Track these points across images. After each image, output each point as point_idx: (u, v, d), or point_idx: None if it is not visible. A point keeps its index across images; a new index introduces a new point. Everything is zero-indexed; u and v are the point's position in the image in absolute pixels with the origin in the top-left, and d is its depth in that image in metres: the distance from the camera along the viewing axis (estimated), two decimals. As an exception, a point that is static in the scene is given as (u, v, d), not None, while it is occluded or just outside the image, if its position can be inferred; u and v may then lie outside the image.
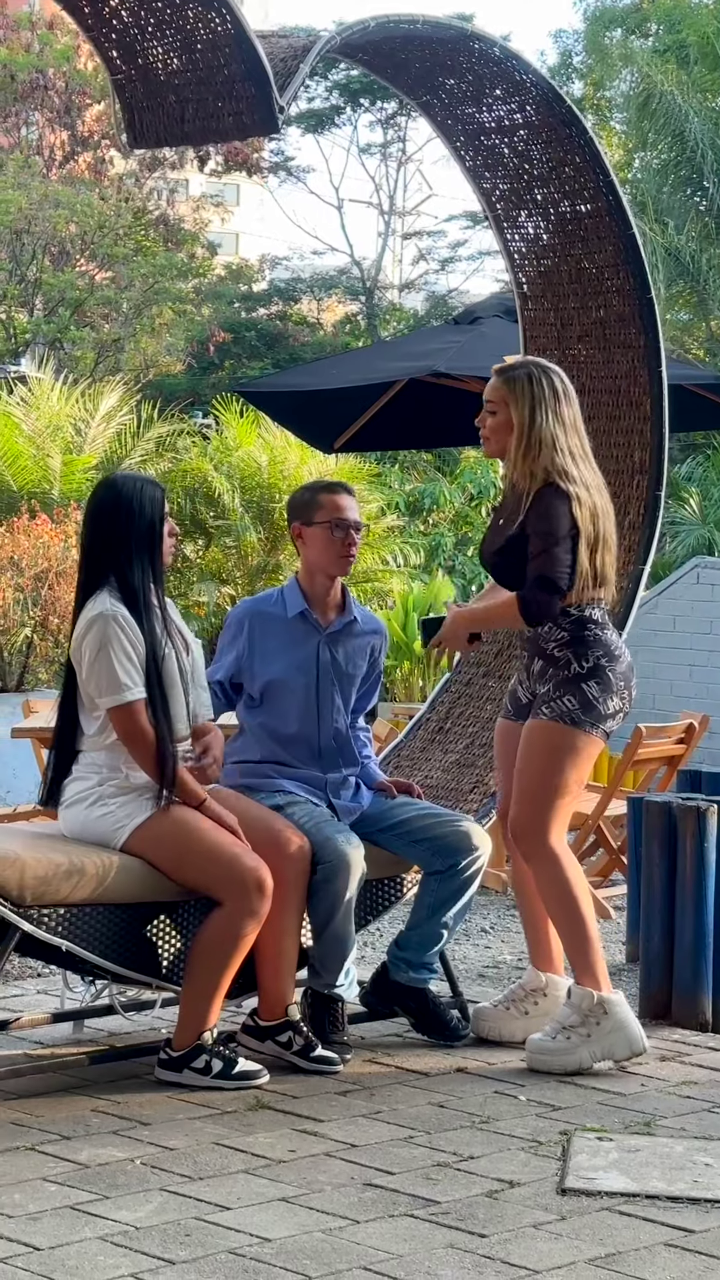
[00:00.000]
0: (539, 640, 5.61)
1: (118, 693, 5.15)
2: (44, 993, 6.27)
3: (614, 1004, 5.51)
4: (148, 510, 5.26)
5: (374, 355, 14.19)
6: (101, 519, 5.29)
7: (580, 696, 5.52)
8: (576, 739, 5.54)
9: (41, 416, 16.06)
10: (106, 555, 5.26)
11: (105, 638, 5.15)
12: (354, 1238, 4.09)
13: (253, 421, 17.26)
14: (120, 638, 5.15)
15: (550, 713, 5.55)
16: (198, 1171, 4.50)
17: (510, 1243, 4.08)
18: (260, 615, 5.76)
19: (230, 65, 5.81)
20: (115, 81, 6.11)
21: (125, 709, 5.16)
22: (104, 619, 5.16)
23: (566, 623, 5.55)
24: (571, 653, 5.55)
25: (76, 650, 5.23)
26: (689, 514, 19.83)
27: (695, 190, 25.75)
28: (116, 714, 5.17)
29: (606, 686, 5.55)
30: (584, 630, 5.55)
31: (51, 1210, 4.20)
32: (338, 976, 5.58)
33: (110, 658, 5.14)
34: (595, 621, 5.57)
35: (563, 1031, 5.49)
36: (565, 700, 5.53)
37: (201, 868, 5.17)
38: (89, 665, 5.18)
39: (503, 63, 6.63)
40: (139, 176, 28.11)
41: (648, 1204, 4.37)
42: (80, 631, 5.22)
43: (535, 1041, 5.52)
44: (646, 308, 6.86)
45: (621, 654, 5.62)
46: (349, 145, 38.52)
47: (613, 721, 5.60)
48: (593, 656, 5.54)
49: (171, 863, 5.19)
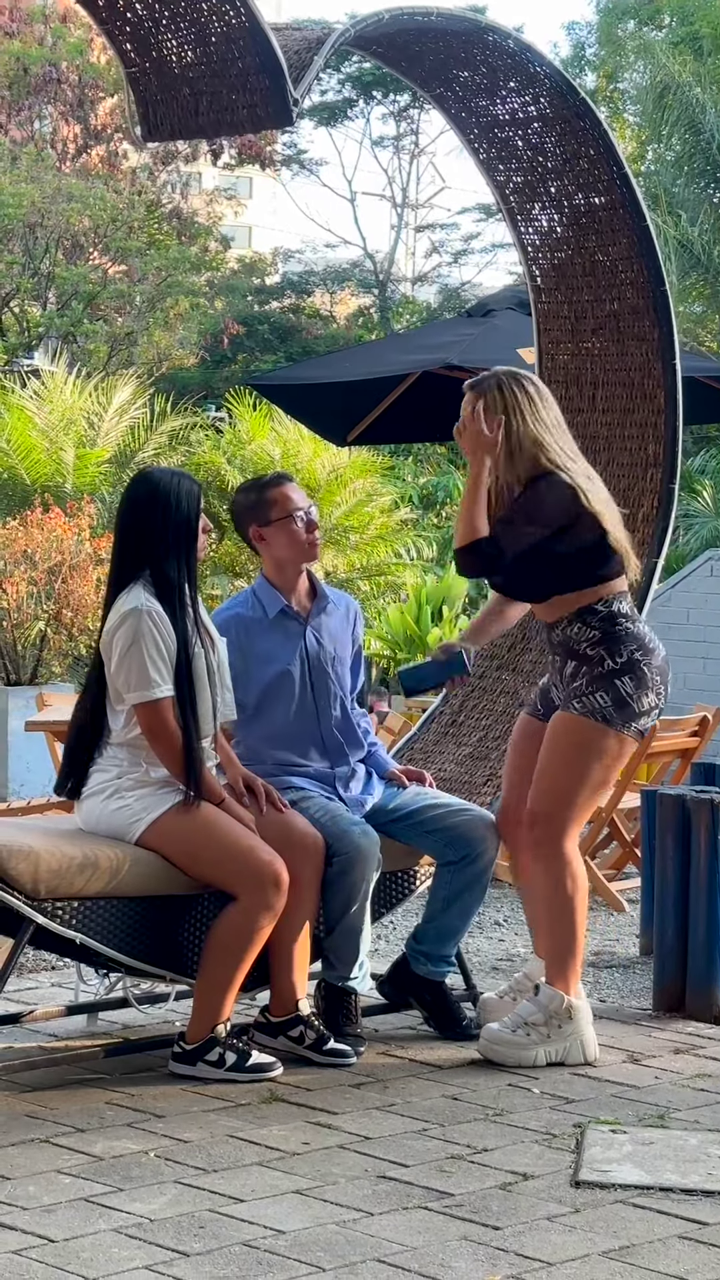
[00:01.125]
0: (569, 643, 5.54)
1: (146, 689, 5.15)
2: (58, 985, 6.28)
3: (580, 1010, 5.51)
4: (184, 506, 5.26)
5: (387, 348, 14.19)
6: (138, 513, 5.29)
7: (614, 693, 5.47)
8: (607, 738, 5.49)
9: (55, 410, 16.08)
10: (142, 549, 5.25)
11: (138, 633, 5.15)
12: (368, 1230, 4.09)
13: (266, 415, 17.26)
14: (153, 634, 5.15)
15: (581, 707, 5.49)
16: (212, 1164, 4.51)
17: (524, 1235, 4.09)
18: (241, 620, 5.69)
19: (244, 58, 5.81)
20: (130, 75, 6.11)
21: (152, 706, 5.16)
22: (138, 614, 5.16)
23: (595, 620, 5.49)
24: (605, 649, 5.49)
25: (107, 644, 5.23)
26: (702, 506, 19.80)
27: (709, 182, 25.67)
28: (143, 710, 5.17)
29: (641, 682, 5.49)
30: (615, 625, 5.50)
31: (66, 1202, 4.21)
32: (352, 969, 5.59)
33: (141, 653, 5.14)
34: (625, 615, 5.52)
35: (524, 1026, 5.49)
36: (598, 696, 5.48)
37: (217, 862, 5.18)
38: (119, 659, 5.18)
39: (516, 55, 6.62)
40: (152, 170, 28.09)
41: (662, 1196, 4.37)
42: (113, 624, 5.21)
43: (492, 1031, 5.52)
44: (661, 300, 6.84)
45: (655, 647, 5.56)
46: (362, 138, 38.55)
47: (647, 719, 5.54)
48: (626, 651, 5.50)
49: (187, 857, 5.19)
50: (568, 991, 5.51)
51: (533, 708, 5.79)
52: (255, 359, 31.36)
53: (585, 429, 7.07)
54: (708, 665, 11.93)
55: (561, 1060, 5.47)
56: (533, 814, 5.54)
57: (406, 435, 14.90)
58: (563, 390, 7.13)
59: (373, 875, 5.52)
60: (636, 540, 6.80)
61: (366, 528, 16.67)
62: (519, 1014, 5.51)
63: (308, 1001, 5.51)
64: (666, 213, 24.03)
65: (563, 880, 5.49)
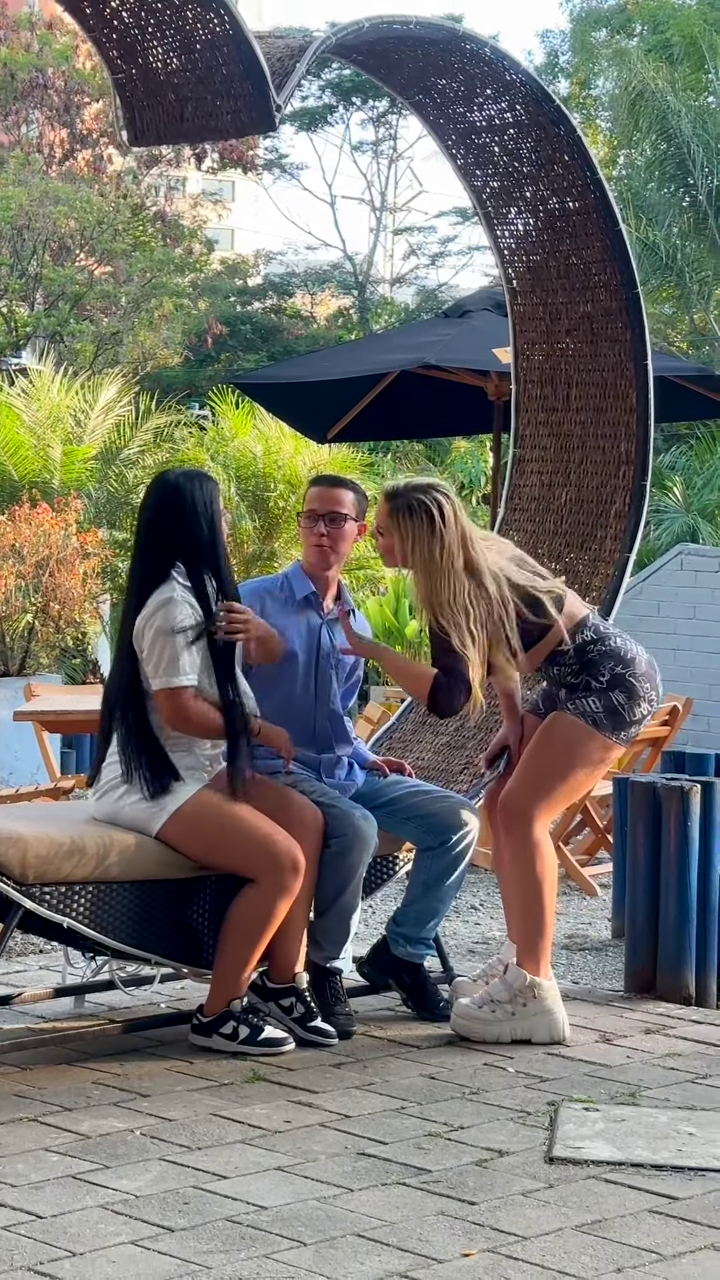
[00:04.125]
0: (554, 679, 5.60)
1: (174, 676, 5.20)
2: (46, 968, 6.27)
3: (544, 989, 5.53)
4: (206, 501, 5.35)
5: (366, 348, 14.20)
6: (162, 514, 5.34)
7: (605, 701, 5.52)
8: (593, 741, 5.53)
9: (42, 408, 16.03)
10: (169, 548, 5.32)
11: (171, 620, 5.20)
12: (348, 1205, 4.10)
13: (248, 412, 17.22)
14: (188, 622, 5.21)
15: (575, 709, 5.54)
16: (196, 1142, 4.51)
17: (499, 1210, 4.09)
18: (268, 595, 5.78)
19: (228, 65, 5.80)
20: (116, 80, 6.09)
21: (176, 693, 5.21)
22: (173, 603, 5.22)
23: (567, 660, 5.54)
24: (587, 675, 5.54)
25: (140, 631, 5.26)
26: (673, 502, 19.83)
27: (680, 186, 25.71)
28: (166, 696, 5.22)
29: (632, 693, 5.54)
30: (586, 655, 5.54)
31: (54, 1180, 4.21)
32: (340, 950, 5.60)
33: (174, 641, 5.20)
34: (592, 641, 5.54)
35: (490, 1004, 5.52)
36: (591, 701, 5.52)
37: (236, 850, 5.23)
38: (150, 643, 5.23)
39: (493, 63, 6.62)
40: (137, 173, 28.03)
41: (633, 1172, 4.38)
42: (148, 612, 5.25)
43: (462, 1006, 5.55)
44: (633, 302, 6.85)
45: (634, 655, 5.59)
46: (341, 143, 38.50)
47: (637, 727, 5.61)
48: (607, 670, 5.53)
49: (206, 847, 5.23)
50: (537, 972, 5.52)
51: (534, 707, 5.81)
52: (238, 358, 31.32)
53: (560, 427, 7.08)
54: (678, 656, 11.96)
55: (528, 1038, 5.48)
56: (508, 799, 5.56)
57: (385, 433, 14.91)
58: (538, 389, 7.14)
59: (368, 859, 5.53)
60: (610, 535, 6.83)
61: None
62: (488, 991, 5.55)
63: (305, 976, 5.52)
64: (633, 216, 24.05)
65: (533, 865, 5.51)
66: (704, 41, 26.67)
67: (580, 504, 6.96)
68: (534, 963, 5.53)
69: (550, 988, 5.56)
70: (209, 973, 5.37)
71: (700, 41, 26.69)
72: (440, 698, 5.38)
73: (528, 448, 7.15)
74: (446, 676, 5.36)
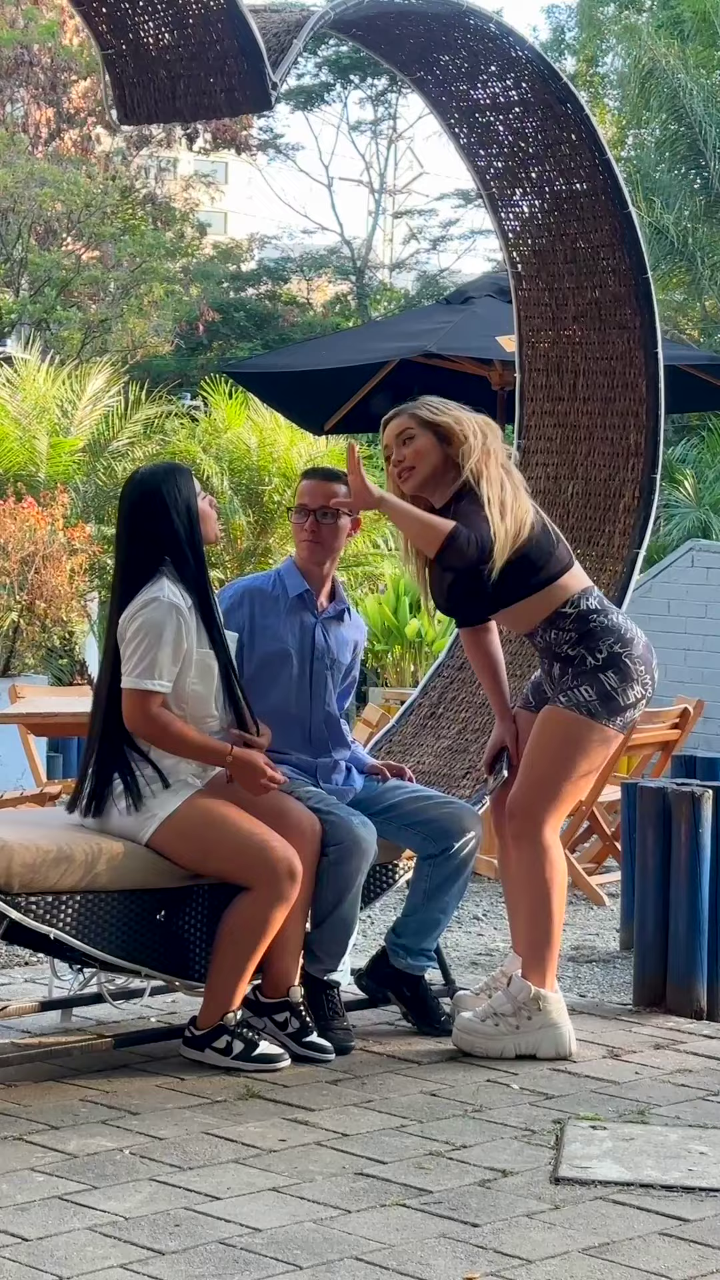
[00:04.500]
0: (550, 647, 5.59)
1: (146, 678, 5.19)
2: (32, 981, 6.28)
3: (550, 1002, 5.53)
4: (181, 493, 5.33)
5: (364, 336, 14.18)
6: (140, 512, 5.34)
7: (598, 687, 5.51)
8: (591, 732, 5.53)
9: (27, 398, 16.04)
10: (153, 545, 5.31)
11: (156, 622, 5.20)
12: (345, 1228, 4.10)
13: (242, 403, 17.24)
14: (172, 629, 5.21)
15: (567, 701, 5.54)
16: (187, 1161, 4.51)
17: (503, 1232, 4.09)
18: (259, 593, 5.78)
19: (222, 41, 5.80)
20: (106, 57, 6.09)
21: (144, 697, 5.20)
22: (162, 605, 5.21)
23: (568, 623, 5.53)
24: (584, 648, 5.53)
25: (123, 628, 5.26)
26: (684, 496, 19.84)
27: (691, 168, 25.72)
28: (132, 697, 5.21)
29: (625, 675, 5.53)
30: (588, 624, 5.54)
31: (40, 1200, 4.21)
32: (338, 962, 5.61)
33: (153, 643, 5.19)
34: (595, 610, 5.55)
35: (493, 1017, 5.53)
36: (583, 690, 5.52)
37: (231, 856, 5.22)
38: (129, 639, 5.23)
39: (497, 39, 6.62)
40: (126, 154, 28.04)
41: (642, 1193, 4.38)
42: (132, 610, 5.25)
43: (465, 1020, 5.56)
44: (642, 288, 6.85)
45: (634, 636, 5.60)
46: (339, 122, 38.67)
47: (634, 711, 5.59)
48: (605, 646, 5.53)
49: (198, 853, 5.23)
50: (542, 985, 5.53)
51: (525, 701, 5.82)
52: (231, 346, 31.33)
53: (566, 418, 7.08)
54: (689, 657, 11.97)
55: (532, 1053, 5.49)
56: (514, 805, 5.57)
57: (384, 424, 14.86)
58: (543, 378, 7.14)
59: (366, 867, 5.53)
60: (618, 530, 6.83)
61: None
62: (491, 1004, 5.55)
63: (299, 990, 5.52)
64: (642, 199, 24.06)
65: (542, 871, 5.52)
66: (716, 17, 26.70)
67: (587, 498, 6.96)
68: (539, 974, 5.53)
69: (556, 1001, 5.56)
70: (201, 985, 5.37)
71: (713, 17, 26.71)
72: (454, 545, 5.34)
73: (532, 439, 7.16)
74: (468, 529, 5.35)
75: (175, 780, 5.28)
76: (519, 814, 5.56)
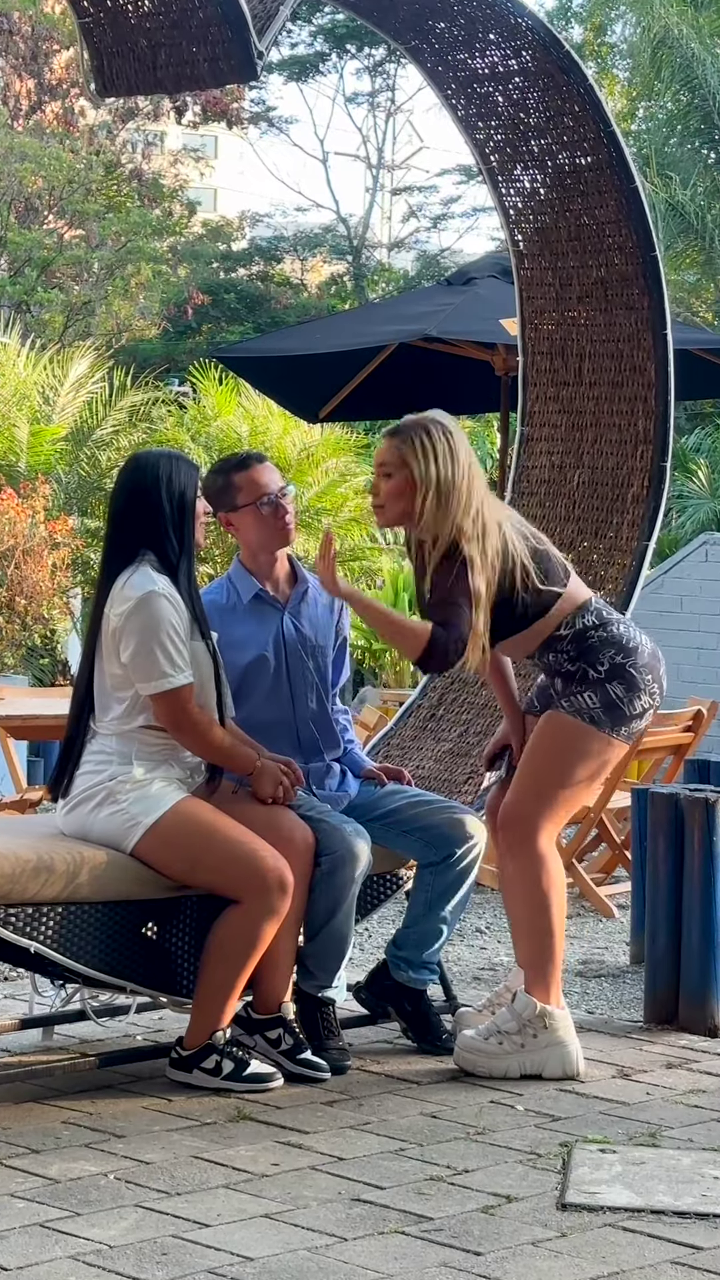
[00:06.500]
0: (552, 665, 5.61)
1: (164, 678, 5.19)
2: (11, 997, 6.28)
3: (556, 1019, 5.53)
4: (180, 484, 5.33)
5: (361, 318, 14.19)
6: (134, 495, 5.35)
7: (602, 695, 5.52)
8: (592, 740, 5.53)
9: (7, 384, 16.05)
10: (140, 530, 5.31)
11: (154, 618, 5.20)
12: (341, 1256, 4.10)
13: (232, 389, 17.25)
14: (169, 618, 5.21)
15: (569, 706, 5.54)
16: (175, 1187, 4.51)
17: (507, 1261, 4.09)
18: (216, 608, 5.67)
19: (205, 8, 5.79)
20: (83, 25, 6.09)
21: (172, 695, 5.20)
22: (151, 597, 5.21)
23: (565, 644, 5.54)
24: (584, 663, 5.54)
25: (119, 629, 5.25)
26: (697, 487, 19.86)
27: (705, 142, 25.74)
28: (163, 699, 5.20)
29: (631, 685, 5.53)
30: (586, 640, 5.54)
31: (20, 1228, 4.21)
32: (333, 978, 5.60)
33: (157, 641, 5.19)
34: (592, 626, 5.55)
35: (497, 1035, 5.52)
36: (586, 696, 5.53)
37: (219, 867, 5.21)
38: (135, 647, 5.21)
39: (497, 5, 6.62)
40: (111, 128, 28.05)
41: (653, 1220, 4.38)
42: (125, 610, 5.23)
43: (466, 1039, 5.55)
44: (650, 266, 6.85)
45: (638, 645, 5.59)
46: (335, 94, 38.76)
47: (639, 722, 5.59)
48: (606, 659, 5.53)
49: (186, 864, 5.22)
50: (548, 1001, 5.52)
51: (529, 705, 5.82)
52: (221, 330, 31.35)
53: (571, 403, 7.08)
54: (702, 656, 11.97)
55: (538, 1073, 5.49)
56: (508, 813, 5.57)
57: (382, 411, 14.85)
58: (548, 362, 7.14)
59: (360, 877, 5.52)
60: (626, 522, 6.83)
61: (340, 510, 16.68)
62: (495, 1022, 5.55)
63: (291, 1005, 5.52)
64: (655, 174, 24.07)
65: (538, 881, 5.51)
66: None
67: (594, 487, 6.96)
68: (544, 990, 5.53)
69: (562, 1017, 5.56)
70: (189, 1002, 5.37)
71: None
72: (436, 653, 5.35)
73: (536, 426, 7.16)
74: (446, 630, 5.35)
75: (164, 784, 5.26)
76: (512, 821, 5.56)
